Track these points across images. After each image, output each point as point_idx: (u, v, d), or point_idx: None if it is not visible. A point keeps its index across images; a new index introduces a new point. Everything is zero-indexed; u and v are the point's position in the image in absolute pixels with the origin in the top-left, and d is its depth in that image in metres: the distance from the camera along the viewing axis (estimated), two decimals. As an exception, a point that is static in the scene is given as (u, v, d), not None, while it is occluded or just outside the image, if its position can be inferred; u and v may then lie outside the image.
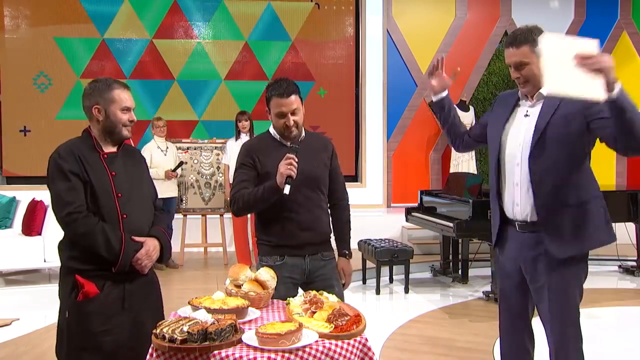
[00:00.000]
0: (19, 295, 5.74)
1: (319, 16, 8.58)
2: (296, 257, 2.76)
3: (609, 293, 5.75)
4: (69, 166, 2.37)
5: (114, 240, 2.36)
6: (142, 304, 2.49)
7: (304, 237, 2.74)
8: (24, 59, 8.05)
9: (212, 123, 8.38)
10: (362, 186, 8.55)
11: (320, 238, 2.81)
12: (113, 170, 2.45)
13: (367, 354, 2.08)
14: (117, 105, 2.45)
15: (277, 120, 2.72)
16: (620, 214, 5.98)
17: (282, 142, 2.77)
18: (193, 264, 6.99)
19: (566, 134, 2.43)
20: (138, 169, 2.61)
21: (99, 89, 2.45)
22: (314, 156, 2.78)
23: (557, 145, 2.45)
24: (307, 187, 2.73)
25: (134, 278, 2.47)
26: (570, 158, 2.47)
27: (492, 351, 4.11)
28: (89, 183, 2.39)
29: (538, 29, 2.45)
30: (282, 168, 2.53)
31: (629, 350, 4.24)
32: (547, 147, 2.46)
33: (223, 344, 1.92)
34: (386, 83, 8.55)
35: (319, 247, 2.82)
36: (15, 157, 8.09)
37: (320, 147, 2.86)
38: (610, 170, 8.83)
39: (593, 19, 8.77)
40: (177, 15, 8.34)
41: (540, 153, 2.47)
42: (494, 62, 8.71)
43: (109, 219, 2.39)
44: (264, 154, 2.76)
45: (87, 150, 2.44)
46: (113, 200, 2.41)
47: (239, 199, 2.70)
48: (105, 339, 2.38)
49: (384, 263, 5.77)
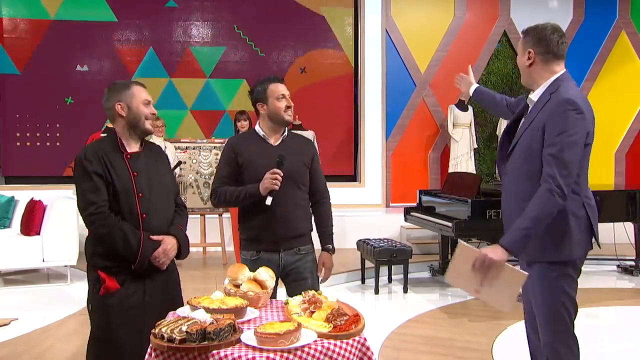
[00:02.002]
0: (17, 295, 5.73)
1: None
2: (271, 252, 2.87)
3: (607, 293, 5.75)
4: (93, 167, 2.49)
5: (133, 239, 2.48)
6: (162, 298, 2.60)
7: (278, 231, 2.84)
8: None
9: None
10: (360, 186, 8.55)
11: (295, 233, 2.89)
12: (135, 170, 2.56)
13: (366, 354, 2.08)
14: (138, 99, 2.58)
15: (276, 104, 2.85)
16: (619, 213, 5.98)
17: (267, 140, 2.90)
18: (192, 263, 6.98)
19: (530, 147, 2.42)
20: (160, 167, 2.70)
21: (118, 88, 2.60)
22: (294, 154, 2.88)
23: (521, 156, 2.47)
24: (286, 183, 2.79)
25: (153, 274, 2.58)
26: (530, 170, 2.42)
27: (491, 351, 4.11)
28: (111, 183, 2.50)
29: (539, 28, 2.48)
30: (267, 182, 2.72)
31: (628, 350, 4.24)
32: (515, 156, 2.51)
33: (222, 344, 1.92)
34: (385, 83, 8.56)
35: (294, 241, 2.90)
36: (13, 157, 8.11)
37: (301, 147, 2.97)
38: (609, 170, 8.84)
39: (592, 18, 8.78)
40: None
41: (510, 160, 2.54)
42: (492, 62, 8.72)
43: (130, 218, 2.52)
44: (245, 147, 2.89)
45: (111, 151, 2.56)
46: (134, 200, 2.53)
47: (220, 194, 2.87)
48: (121, 332, 2.49)
49: (382, 263, 5.77)
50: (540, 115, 2.40)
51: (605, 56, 8.80)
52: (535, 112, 2.45)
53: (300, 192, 2.91)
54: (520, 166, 2.46)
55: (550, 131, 2.32)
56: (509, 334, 4.46)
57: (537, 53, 2.45)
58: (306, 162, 2.95)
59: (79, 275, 5.94)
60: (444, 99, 8.54)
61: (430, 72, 8.64)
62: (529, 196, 2.36)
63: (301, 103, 8.41)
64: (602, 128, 8.70)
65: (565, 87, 2.40)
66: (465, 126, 8.29)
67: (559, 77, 2.45)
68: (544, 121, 2.36)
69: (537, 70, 2.48)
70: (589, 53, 8.79)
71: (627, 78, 8.76)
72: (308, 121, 8.08)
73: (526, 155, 2.43)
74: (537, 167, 2.38)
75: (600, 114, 8.69)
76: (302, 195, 2.93)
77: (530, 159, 2.41)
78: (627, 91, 8.77)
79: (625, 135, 8.88)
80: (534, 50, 2.46)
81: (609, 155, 8.84)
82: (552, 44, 2.44)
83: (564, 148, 2.28)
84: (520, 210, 2.39)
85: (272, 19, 8.57)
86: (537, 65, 2.47)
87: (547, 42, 2.43)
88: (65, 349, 4.15)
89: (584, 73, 8.79)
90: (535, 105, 2.46)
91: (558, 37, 2.44)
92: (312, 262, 2.98)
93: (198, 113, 8.52)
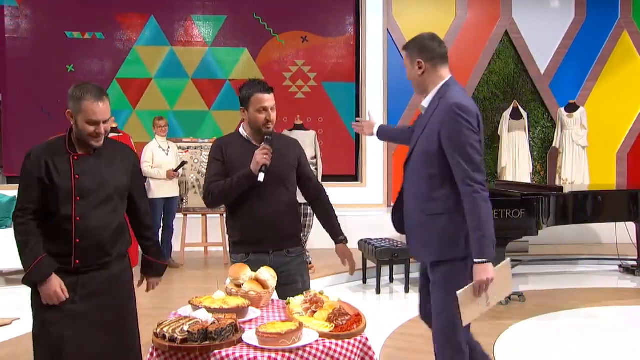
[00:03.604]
0: (19, 295, 5.73)
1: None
2: (259, 254, 2.83)
3: (609, 292, 5.74)
4: (32, 167, 2.46)
5: (29, 257, 2.41)
6: (100, 298, 2.50)
7: (264, 232, 2.81)
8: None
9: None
10: (362, 186, 8.54)
11: (282, 234, 2.85)
12: (78, 172, 2.47)
13: (368, 354, 2.08)
14: (84, 116, 2.43)
15: (257, 115, 2.82)
16: (620, 213, 5.97)
17: (250, 141, 2.88)
18: (193, 263, 6.99)
19: (426, 152, 2.53)
20: (115, 168, 2.58)
21: (73, 95, 2.45)
22: (279, 156, 2.83)
23: (419, 160, 2.57)
24: (271, 182, 2.77)
25: (92, 272, 2.50)
26: (429, 173, 2.53)
27: (493, 350, 4.11)
28: (50, 185, 2.44)
29: (419, 39, 2.62)
30: (257, 157, 2.70)
31: (630, 350, 4.24)
32: (413, 160, 2.61)
33: (223, 344, 1.92)
34: (387, 83, 8.55)
35: (282, 243, 2.87)
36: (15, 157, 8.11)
37: (287, 148, 2.95)
38: (611, 170, 8.82)
39: (593, 18, 8.76)
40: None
41: (410, 165, 2.63)
42: (494, 62, 8.70)
43: (63, 220, 2.43)
44: (232, 149, 2.88)
45: (59, 151, 2.49)
46: (70, 203, 2.44)
47: (214, 190, 2.82)
48: (52, 329, 2.42)
49: (384, 262, 5.77)
50: (432, 120, 2.53)
51: (607, 56, 8.78)
52: (426, 117, 2.58)
53: (287, 192, 2.88)
54: (420, 170, 2.57)
55: (449, 137, 2.44)
56: (510, 334, 4.46)
57: (425, 60, 2.57)
58: (292, 162, 2.93)
59: (80, 275, 5.93)
60: (446, 98, 8.53)
61: (432, 72, 8.62)
62: (428, 197, 2.52)
63: (301, 103, 8.48)
64: (603, 128, 8.71)
65: (451, 92, 2.53)
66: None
67: (447, 82, 2.58)
68: (438, 127, 2.48)
69: (429, 77, 2.60)
70: (590, 53, 8.77)
71: (629, 78, 8.74)
72: (309, 121, 8.09)
73: (424, 159, 2.55)
74: (435, 171, 2.50)
75: (602, 114, 8.71)
76: (290, 196, 2.90)
77: (429, 163, 2.53)
78: (629, 91, 8.75)
79: (627, 135, 8.85)
80: (422, 58, 2.58)
81: (611, 155, 8.83)
82: (435, 49, 2.58)
83: (468, 150, 2.41)
84: (422, 211, 2.55)
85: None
86: (428, 72, 2.59)
87: (430, 48, 2.58)
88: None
89: (585, 73, 8.77)
90: (427, 111, 2.60)
91: (437, 42, 2.60)
92: (302, 264, 2.95)
93: (199, 82, 8.49)
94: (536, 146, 8.76)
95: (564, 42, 8.72)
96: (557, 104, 8.59)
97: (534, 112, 8.73)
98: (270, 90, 2.86)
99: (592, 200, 5.77)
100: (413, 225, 2.63)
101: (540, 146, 8.79)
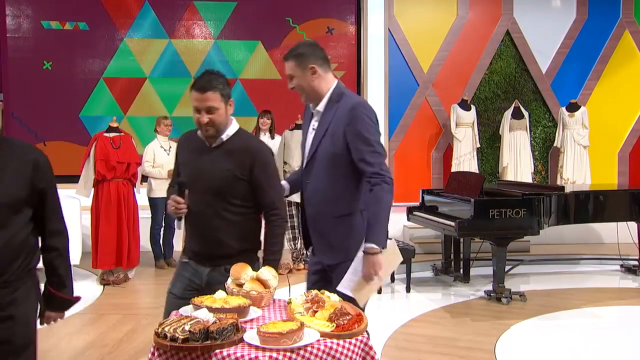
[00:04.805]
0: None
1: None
2: (198, 265, 2.64)
3: (611, 292, 5.74)
4: None
5: None
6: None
7: (196, 246, 2.64)
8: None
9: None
10: (363, 185, 8.53)
11: (220, 251, 2.57)
12: None
13: (369, 353, 2.08)
14: None
15: (194, 114, 2.51)
16: (622, 213, 5.97)
17: (203, 141, 2.59)
18: (195, 263, 6.98)
19: (332, 153, 2.53)
20: (3, 176, 2.08)
21: None
22: (222, 163, 2.54)
23: (324, 162, 2.56)
24: (210, 194, 2.54)
25: None
26: (336, 174, 2.54)
27: (494, 350, 4.11)
28: None
29: (305, 45, 2.62)
30: (168, 208, 2.57)
31: (631, 350, 4.24)
32: (317, 163, 2.58)
33: (225, 343, 1.92)
34: (388, 82, 8.55)
35: (221, 260, 2.57)
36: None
37: (236, 156, 2.54)
38: (613, 170, 8.82)
39: (595, 17, 8.75)
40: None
41: (311, 168, 2.61)
42: (495, 61, 8.70)
43: None
44: (185, 146, 2.69)
45: None
46: None
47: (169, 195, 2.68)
48: None
49: (385, 262, 5.75)
50: (334, 123, 2.52)
51: (609, 55, 8.77)
52: (326, 121, 2.56)
53: (230, 206, 2.54)
54: (326, 171, 2.56)
55: (356, 134, 2.45)
56: (512, 334, 4.46)
57: (318, 65, 2.57)
58: (237, 172, 2.52)
59: (82, 274, 5.95)
60: (447, 98, 8.53)
61: (433, 71, 8.63)
62: (337, 197, 2.54)
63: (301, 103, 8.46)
64: (605, 127, 8.71)
65: (348, 94, 2.58)
66: (468, 125, 8.28)
67: (338, 85, 2.61)
68: (343, 127, 2.48)
69: (323, 81, 2.59)
70: (592, 52, 8.76)
71: (630, 77, 8.73)
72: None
73: (330, 160, 2.54)
74: (342, 171, 2.52)
75: (604, 114, 8.71)
76: (234, 209, 2.55)
77: (337, 164, 2.53)
78: (631, 90, 8.75)
79: (628, 135, 8.85)
80: (315, 63, 2.56)
81: (613, 155, 8.82)
82: (322, 53, 2.59)
83: (375, 145, 2.46)
84: (329, 213, 2.55)
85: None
86: (321, 76, 2.58)
87: (318, 53, 2.58)
88: (67, 348, 4.16)
89: (587, 72, 8.77)
90: (325, 115, 2.58)
91: (320, 47, 2.61)
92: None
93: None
94: (537, 146, 8.75)
95: (566, 41, 8.71)
96: (559, 104, 8.58)
97: (536, 112, 8.72)
98: (207, 88, 2.44)
99: (594, 200, 5.77)
100: (320, 228, 2.61)
101: (542, 146, 8.78)
